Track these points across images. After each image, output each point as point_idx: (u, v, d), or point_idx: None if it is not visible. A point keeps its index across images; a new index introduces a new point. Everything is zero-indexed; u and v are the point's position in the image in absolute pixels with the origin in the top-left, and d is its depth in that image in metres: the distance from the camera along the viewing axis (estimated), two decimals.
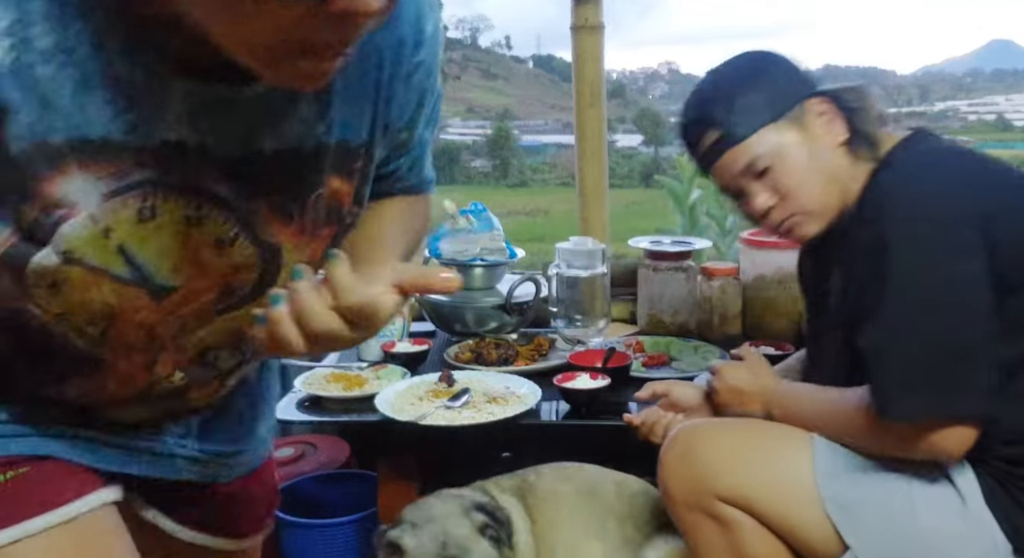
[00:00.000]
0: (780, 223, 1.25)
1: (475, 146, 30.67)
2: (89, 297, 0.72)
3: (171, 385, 0.84)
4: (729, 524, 1.16)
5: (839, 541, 1.12)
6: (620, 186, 20.31)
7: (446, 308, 2.00)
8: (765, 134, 1.21)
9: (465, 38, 49.96)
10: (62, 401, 0.82)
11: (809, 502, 1.13)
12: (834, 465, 1.14)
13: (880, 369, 1.07)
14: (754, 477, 1.16)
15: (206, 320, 0.80)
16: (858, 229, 1.14)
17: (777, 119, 1.21)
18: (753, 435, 1.23)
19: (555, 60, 51.00)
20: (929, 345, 1.04)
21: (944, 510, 1.09)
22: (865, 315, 1.09)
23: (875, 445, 1.13)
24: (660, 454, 1.24)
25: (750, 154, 1.21)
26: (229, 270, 0.77)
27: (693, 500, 1.18)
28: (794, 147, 1.21)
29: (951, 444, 1.05)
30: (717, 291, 2.04)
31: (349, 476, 2.11)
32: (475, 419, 1.51)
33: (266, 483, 1.13)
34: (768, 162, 1.21)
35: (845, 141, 1.22)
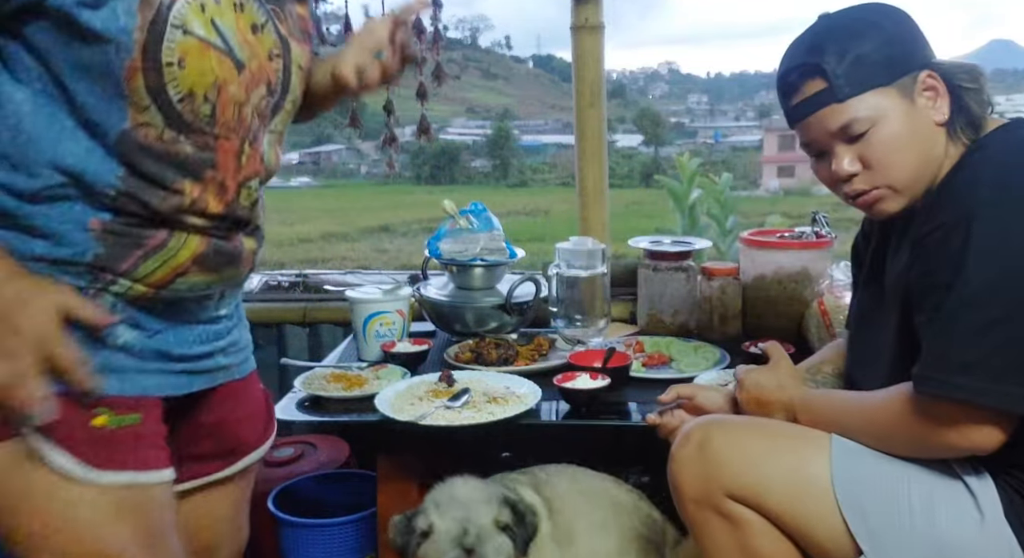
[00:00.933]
0: (861, 193, 1.18)
1: (475, 146, 30.69)
2: (203, 67, 0.99)
3: (243, 210, 1.12)
4: (738, 522, 1.15)
5: (852, 545, 1.10)
6: (620, 186, 20.33)
7: (446, 308, 2.00)
8: (872, 97, 1.13)
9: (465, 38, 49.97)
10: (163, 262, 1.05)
11: (824, 504, 1.12)
12: (853, 469, 1.13)
13: (938, 343, 1.04)
14: (768, 476, 1.14)
15: (264, 119, 1.12)
16: (938, 209, 1.08)
17: (888, 84, 1.13)
18: (769, 434, 1.21)
19: (555, 60, 51.01)
20: (994, 333, 1.00)
21: (962, 520, 1.08)
22: (932, 292, 1.05)
23: (902, 434, 1.10)
24: (672, 449, 1.23)
25: (851, 115, 1.13)
26: (265, 56, 1.08)
27: (703, 497, 1.17)
28: (897, 118, 1.13)
29: (984, 437, 1.03)
30: (717, 291, 2.04)
31: (349, 476, 2.11)
32: (475, 419, 1.51)
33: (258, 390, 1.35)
34: (866, 127, 1.13)
35: (946, 121, 1.15)
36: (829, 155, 1.18)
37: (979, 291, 1.01)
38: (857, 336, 1.35)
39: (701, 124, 45.22)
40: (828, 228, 2.02)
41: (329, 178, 28.92)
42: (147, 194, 1.01)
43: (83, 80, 0.96)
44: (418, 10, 1.23)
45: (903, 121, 1.13)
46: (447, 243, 2.03)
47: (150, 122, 0.99)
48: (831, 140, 1.16)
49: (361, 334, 1.90)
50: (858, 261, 1.41)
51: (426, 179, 25.66)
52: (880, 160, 1.14)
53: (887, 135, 1.13)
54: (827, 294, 1.87)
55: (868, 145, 1.14)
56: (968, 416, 1.03)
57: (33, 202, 0.97)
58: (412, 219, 16.96)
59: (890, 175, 1.15)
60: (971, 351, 1.01)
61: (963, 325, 1.02)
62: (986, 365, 1.00)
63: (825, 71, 1.13)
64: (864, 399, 1.18)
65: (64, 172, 0.97)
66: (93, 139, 0.98)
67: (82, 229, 0.99)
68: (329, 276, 2.54)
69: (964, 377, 1.01)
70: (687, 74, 58.24)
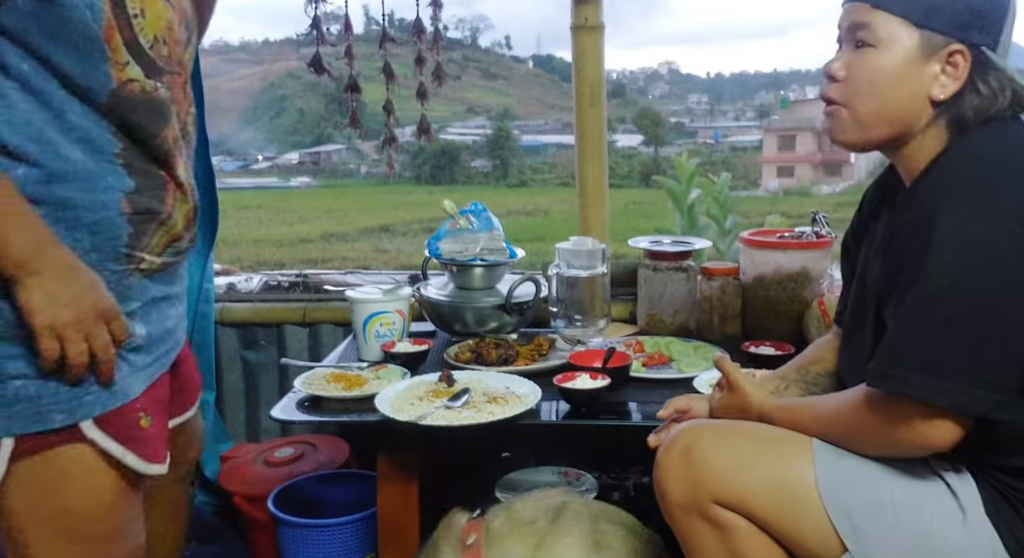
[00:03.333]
0: (828, 98, 1.18)
1: (475, 146, 30.69)
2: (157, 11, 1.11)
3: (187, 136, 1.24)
4: (725, 528, 1.15)
5: (839, 545, 1.11)
6: (620, 186, 20.34)
7: (446, 308, 2.00)
8: (897, 24, 1.10)
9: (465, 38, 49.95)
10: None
11: (810, 506, 1.12)
12: (837, 470, 1.13)
13: (895, 339, 1.04)
14: (753, 480, 1.14)
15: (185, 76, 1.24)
16: (907, 207, 1.08)
17: (921, 27, 1.09)
18: (753, 437, 1.21)
19: (555, 60, 51.02)
20: (952, 332, 1.00)
21: (945, 519, 1.08)
22: (896, 289, 1.05)
23: (860, 433, 1.12)
24: (657, 455, 1.23)
25: (866, 20, 1.12)
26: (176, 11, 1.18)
27: (689, 503, 1.17)
28: (898, 59, 1.10)
29: (939, 435, 1.03)
30: (717, 291, 2.04)
31: (349, 476, 2.11)
32: (475, 419, 1.51)
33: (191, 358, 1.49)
34: (870, 42, 1.11)
35: (939, 102, 1.11)
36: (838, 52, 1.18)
37: (939, 290, 1.00)
38: (847, 337, 1.35)
39: (701, 124, 45.20)
40: (828, 228, 2.02)
41: (329, 178, 28.92)
42: (144, 149, 1.13)
43: (65, 50, 1.05)
44: None
45: (899, 66, 1.11)
46: (447, 243, 2.03)
47: (133, 77, 1.11)
48: (846, 33, 1.16)
49: (361, 334, 1.90)
50: (848, 259, 1.41)
51: (426, 179, 25.66)
52: (855, 80, 1.14)
53: (877, 64, 1.12)
54: (827, 294, 1.88)
55: (858, 58, 1.13)
56: (923, 413, 1.02)
57: (65, 183, 1.07)
58: (412, 219, 16.98)
59: (855, 99, 1.14)
60: (929, 349, 1.01)
61: (922, 322, 1.02)
62: (943, 363, 1.00)
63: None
64: (822, 403, 1.19)
65: (76, 141, 1.07)
66: (85, 104, 1.08)
67: (117, 213, 1.11)
68: (329, 276, 2.54)
69: (920, 375, 1.00)
70: (687, 74, 58.25)
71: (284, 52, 32.07)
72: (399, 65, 2.35)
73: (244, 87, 33.94)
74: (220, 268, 2.58)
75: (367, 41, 2.53)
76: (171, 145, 1.19)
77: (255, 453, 2.23)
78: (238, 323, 2.42)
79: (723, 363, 1.37)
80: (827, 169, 31.95)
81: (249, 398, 2.48)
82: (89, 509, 1.16)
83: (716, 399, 1.38)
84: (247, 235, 14.99)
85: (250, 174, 27.13)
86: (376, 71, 2.37)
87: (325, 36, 2.25)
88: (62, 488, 1.13)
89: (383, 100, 2.33)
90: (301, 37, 2.31)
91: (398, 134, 2.47)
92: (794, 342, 1.84)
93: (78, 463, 1.13)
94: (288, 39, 33.55)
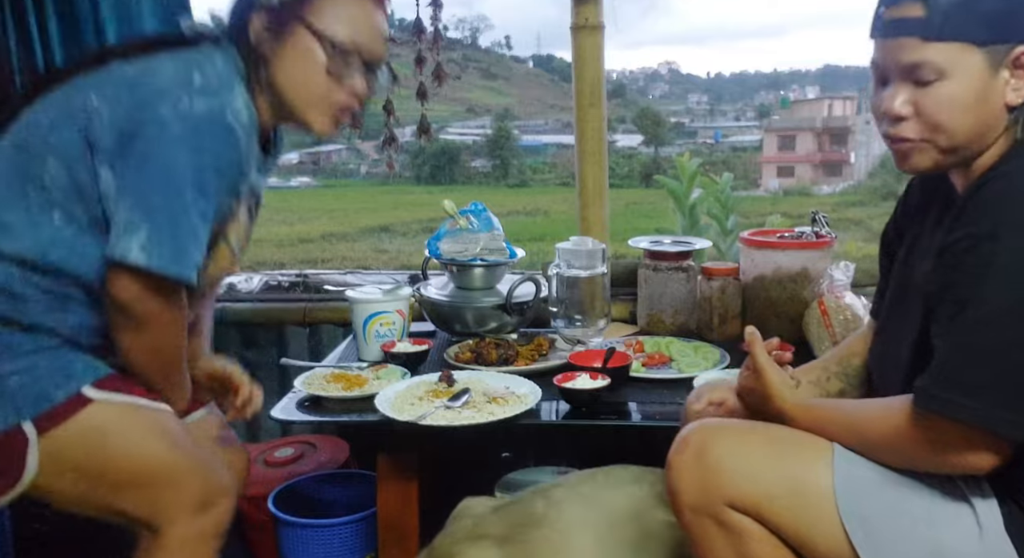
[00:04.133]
0: (902, 139, 1.11)
1: (475, 146, 30.67)
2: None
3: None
4: (738, 532, 1.13)
5: (853, 554, 1.08)
6: (620, 186, 20.34)
7: (446, 308, 2.00)
8: (957, 50, 1.04)
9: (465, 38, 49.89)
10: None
11: (825, 514, 1.09)
12: (854, 477, 1.10)
13: (947, 360, 1.01)
14: (768, 484, 1.12)
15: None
16: (967, 217, 1.04)
17: (984, 44, 1.04)
18: (769, 440, 1.18)
19: (555, 60, 50.96)
20: (1006, 358, 0.97)
21: (961, 533, 1.06)
22: (949, 305, 1.02)
23: (895, 448, 1.09)
24: (669, 455, 1.20)
25: (926, 57, 1.05)
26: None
27: (701, 505, 1.14)
28: (969, 82, 1.05)
29: (982, 460, 1.01)
30: (717, 291, 2.04)
31: (349, 476, 2.11)
32: (475, 419, 1.51)
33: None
34: (934, 77, 1.05)
35: (1015, 107, 1.08)
36: (890, 85, 1.11)
37: (996, 312, 0.98)
38: (882, 330, 1.31)
39: (701, 124, 45.20)
40: (828, 228, 2.02)
41: (329, 178, 28.91)
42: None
43: None
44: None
45: (974, 88, 1.06)
46: (447, 243, 2.03)
47: None
48: (897, 72, 1.09)
49: (361, 334, 1.90)
50: (887, 251, 1.36)
51: (426, 179, 25.65)
52: (933, 115, 1.07)
53: (951, 95, 1.06)
54: (827, 294, 1.87)
55: (928, 95, 1.07)
56: (968, 438, 1.00)
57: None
58: (412, 219, 16.97)
59: (936, 134, 1.08)
60: (980, 373, 0.98)
61: (976, 345, 0.99)
62: (994, 389, 0.98)
63: (932, 3, 1.04)
64: (855, 411, 1.16)
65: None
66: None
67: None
68: (329, 276, 2.54)
69: (970, 399, 0.98)
70: (687, 74, 58.23)
71: None
72: (399, 65, 2.34)
73: None
74: None
75: None
76: None
77: (255, 453, 2.23)
78: (238, 323, 2.42)
79: (753, 344, 1.31)
80: (827, 169, 31.94)
81: None
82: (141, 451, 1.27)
83: (741, 377, 1.34)
84: None
85: None
86: None
87: None
88: (103, 442, 1.25)
89: (383, 100, 2.33)
90: None
91: (398, 134, 2.47)
92: (794, 342, 1.84)
93: (101, 417, 1.25)
94: None
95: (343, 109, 1.37)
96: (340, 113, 1.37)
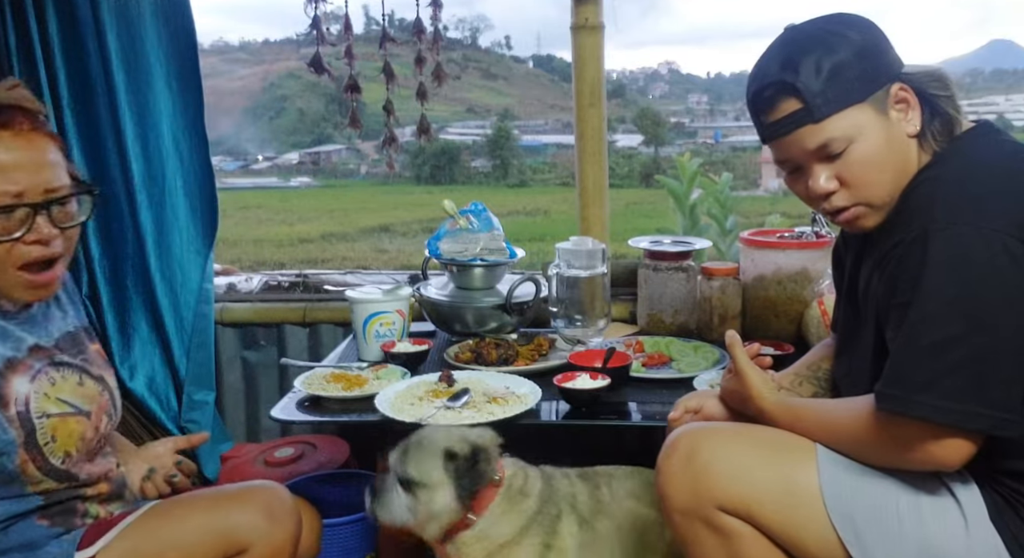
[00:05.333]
0: (839, 210, 1.17)
1: (475, 146, 30.66)
2: (70, 430, 1.26)
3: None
4: (729, 535, 1.14)
5: (843, 553, 1.10)
6: (620, 186, 20.31)
7: (446, 308, 2.00)
8: (849, 115, 1.10)
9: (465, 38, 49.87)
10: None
11: (814, 513, 1.11)
12: (840, 476, 1.12)
13: (898, 360, 1.04)
14: (757, 487, 1.13)
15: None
16: (897, 226, 1.09)
17: (863, 100, 1.11)
18: (757, 442, 1.19)
19: (555, 60, 50.91)
20: (952, 351, 1.00)
21: (948, 526, 1.08)
22: (894, 310, 1.05)
23: (866, 449, 1.11)
24: (659, 460, 1.21)
25: (828, 135, 1.11)
26: (98, 395, 1.37)
27: (692, 509, 1.15)
28: (872, 135, 1.11)
29: (947, 454, 1.03)
30: (717, 291, 2.04)
31: (349, 476, 2.11)
32: (475, 419, 1.51)
33: None
34: (844, 146, 1.11)
35: (917, 133, 1.14)
36: (805, 171, 1.17)
37: (937, 309, 1.01)
38: (841, 346, 1.34)
39: (701, 124, 45.13)
40: (827, 228, 2.02)
41: (329, 178, 28.90)
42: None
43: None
44: (198, 443, 1.56)
45: (879, 137, 1.12)
46: (447, 243, 2.03)
47: (46, 487, 1.25)
48: (807, 158, 1.15)
49: (361, 334, 1.90)
50: (839, 268, 1.40)
51: (426, 179, 25.62)
52: (858, 178, 1.13)
53: (864, 153, 1.12)
54: (827, 294, 1.87)
55: (845, 164, 1.13)
56: (929, 433, 1.02)
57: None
58: (412, 219, 16.95)
59: (868, 192, 1.14)
60: (930, 369, 1.01)
61: (922, 342, 1.02)
62: (945, 383, 1.00)
63: (800, 90, 1.10)
64: (829, 411, 1.18)
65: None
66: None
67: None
68: (329, 276, 2.54)
69: (923, 395, 1.01)
70: (687, 74, 58.18)
71: (284, 52, 32.05)
72: (399, 65, 2.35)
73: (244, 87, 33.91)
74: (220, 268, 2.58)
75: (367, 41, 2.53)
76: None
77: (255, 453, 2.23)
78: (238, 323, 2.42)
79: (733, 347, 1.33)
80: None
81: (249, 398, 2.48)
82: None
83: (724, 380, 1.37)
84: (247, 235, 14.98)
85: (250, 174, 27.12)
86: (376, 71, 2.37)
87: (325, 36, 2.25)
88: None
89: (383, 100, 2.33)
90: (301, 37, 2.31)
91: (398, 134, 2.47)
92: (794, 342, 1.84)
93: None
94: (288, 39, 33.48)
95: (37, 261, 1.21)
96: (36, 271, 1.21)
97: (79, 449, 1.27)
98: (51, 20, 2.08)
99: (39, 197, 1.19)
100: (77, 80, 2.12)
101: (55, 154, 1.23)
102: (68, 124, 2.14)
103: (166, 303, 2.22)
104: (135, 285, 2.22)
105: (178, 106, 2.18)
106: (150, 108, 2.15)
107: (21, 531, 1.23)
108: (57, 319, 1.35)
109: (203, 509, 1.30)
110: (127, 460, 1.44)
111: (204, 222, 2.24)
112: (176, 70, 2.16)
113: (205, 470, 2.20)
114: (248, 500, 1.31)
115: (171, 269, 2.22)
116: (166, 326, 2.22)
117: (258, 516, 1.29)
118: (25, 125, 1.19)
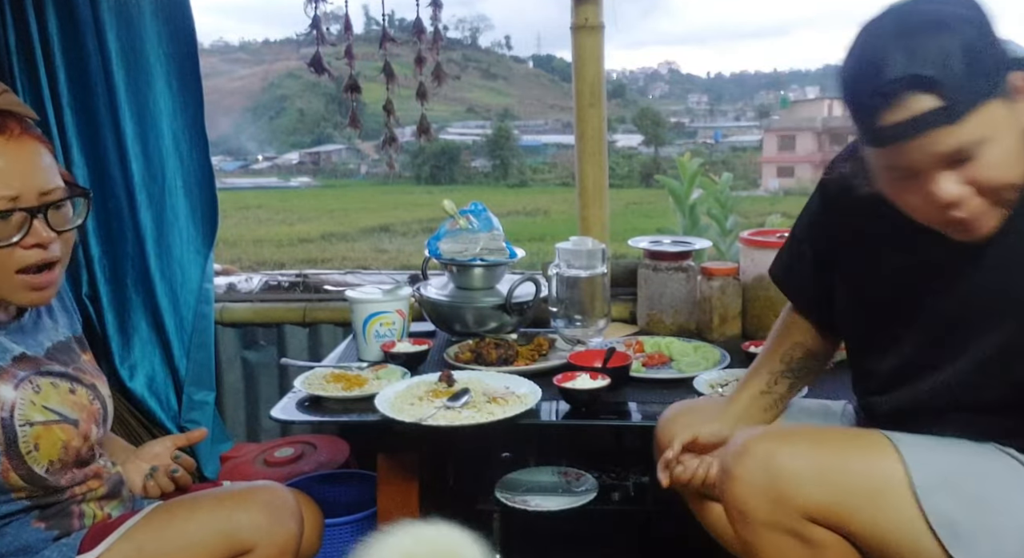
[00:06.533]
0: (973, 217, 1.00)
1: (475, 146, 30.65)
2: (53, 438, 1.22)
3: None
4: (817, 546, 1.06)
5: (941, 552, 1.02)
6: (620, 186, 20.31)
7: (446, 308, 2.00)
8: (986, 113, 0.94)
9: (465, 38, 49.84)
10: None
11: (908, 516, 1.03)
12: (933, 474, 1.04)
13: None
14: (844, 490, 1.05)
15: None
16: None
17: (995, 94, 0.95)
18: (830, 440, 1.12)
19: (555, 60, 50.86)
20: None
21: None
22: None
23: None
24: (728, 466, 1.12)
25: (965, 137, 0.94)
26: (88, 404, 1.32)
27: (776, 520, 1.06)
28: (1007, 132, 0.96)
29: None
30: (717, 291, 2.04)
31: (349, 476, 2.11)
32: (475, 419, 1.51)
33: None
34: (978, 149, 0.95)
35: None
36: (922, 177, 0.98)
37: None
38: (885, 339, 1.19)
39: (701, 124, 45.14)
40: None
41: (329, 178, 28.89)
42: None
43: None
44: (197, 440, 1.52)
45: (1013, 135, 0.97)
46: (447, 243, 2.03)
47: (28, 495, 1.22)
48: (932, 163, 0.97)
49: (361, 334, 1.90)
50: (846, 245, 1.23)
51: (426, 179, 25.61)
52: (994, 180, 0.97)
53: (999, 155, 0.96)
54: None
55: (978, 167, 0.96)
56: None
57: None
58: (412, 219, 16.95)
59: (1003, 193, 0.98)
60: None
61: None
62: None
63: (940, 85, 0.92)
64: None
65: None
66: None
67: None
68: (329, 276, 2.54)
69: None
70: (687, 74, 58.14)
71: (284, 52, 32.00)
72: (399, 65, 2.35)
73: (244, 87, 33.89)
74: (220, 268, 2.58)
75: (367, 41, 2.53)
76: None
77: (255, 453, 2.23)
78: (238, 323, 2.42)
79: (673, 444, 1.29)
80: None
81: (249, 398, 2.48)
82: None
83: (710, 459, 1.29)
84: (247, 235, 14.98)
85: (250, 174, 27.11)
86: (376, 71, 2.37)
87: (325, 36, 2.25)
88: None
89: (383, 100, 2.33)
90: (301, 37, 2.31)
91: (398, 134, 2.47)
92: None
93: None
94: (288, 39, 33.42)
95: (36, 265, 1.20)
96: (36, 273, 1.21)
97: (63, 458, 1.24)
98: (51, 19, 2.09)
99: (35, 201, 1.18)
100: (77, 80, 2.12)
101: (47, 157, 1.22)
102: (68, 124, 2.14)
103: (166, 303, 2.22)
104: (135, 285, 2.22)
105: (178, 106, 2.18)
106: (150, 108, 2.15)
107: (16, 534, 1.23)
108: (48, 329, 1.33)
109: (206, 510, 1.29)
110: (126, 461, 1.44)
111: (204, 222, 2.25)
112: (176, 70, 2.16)
113: (205, 470, 2.21)
114: (251, 501, 1.31)
115: (171, 269, 2.22)
116: (166, 326, 2.22)
117: (261, 516, 1.28)
118: (16, 130, 1.18)
